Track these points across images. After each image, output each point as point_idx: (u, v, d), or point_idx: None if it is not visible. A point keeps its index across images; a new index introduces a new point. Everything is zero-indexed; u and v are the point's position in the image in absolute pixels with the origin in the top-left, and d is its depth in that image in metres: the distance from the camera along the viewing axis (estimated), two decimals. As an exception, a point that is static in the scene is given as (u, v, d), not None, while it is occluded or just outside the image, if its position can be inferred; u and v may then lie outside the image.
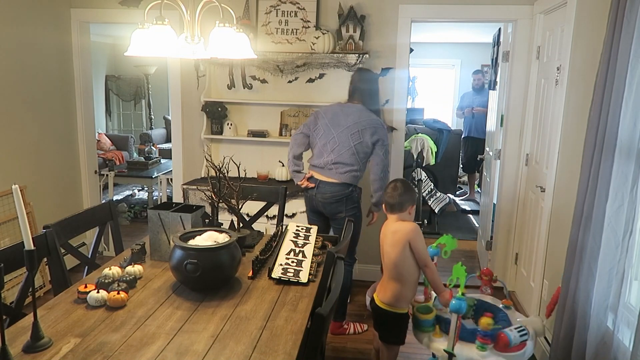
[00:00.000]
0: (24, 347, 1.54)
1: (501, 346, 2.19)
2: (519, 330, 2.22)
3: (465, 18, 3.83)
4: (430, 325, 2.40)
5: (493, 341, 2.21)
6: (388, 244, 2.45)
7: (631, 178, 1.92)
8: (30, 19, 3.72)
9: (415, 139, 5.64)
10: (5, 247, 1.92)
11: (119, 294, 1.85)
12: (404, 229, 2.41)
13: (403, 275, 2.43)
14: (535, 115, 3.54)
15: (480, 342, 2.20)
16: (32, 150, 3.80)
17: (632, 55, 1.86)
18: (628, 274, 1.98)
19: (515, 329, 2.23)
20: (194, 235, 2.08)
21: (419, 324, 2.42)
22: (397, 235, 2.41)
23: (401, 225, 2.43)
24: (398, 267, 2.42)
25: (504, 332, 2.20)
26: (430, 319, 2.40)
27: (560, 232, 2.79)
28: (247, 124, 4.06)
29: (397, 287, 2.44)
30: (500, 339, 2.19)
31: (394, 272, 2.44)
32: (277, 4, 3.83)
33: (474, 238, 5.24)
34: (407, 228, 2.41)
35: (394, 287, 2.45)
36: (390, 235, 2.45)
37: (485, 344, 2.19)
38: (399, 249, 2.39)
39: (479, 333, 2.21)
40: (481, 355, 2.18)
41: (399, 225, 2.45)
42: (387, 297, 2.47)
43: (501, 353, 2.19)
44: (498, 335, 2.20)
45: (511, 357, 2.19)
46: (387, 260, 2.46)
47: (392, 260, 2.43)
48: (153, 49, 1.95)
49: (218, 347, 1.60)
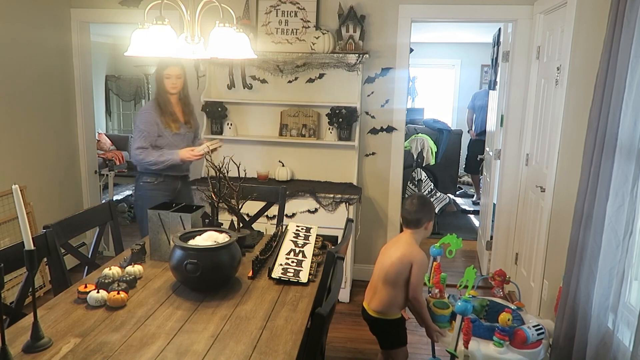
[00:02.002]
0: (24, 347, 1.54)
1: (519, 342, 2.20)
2: (537, 328, 2.24)
3: (465, 18, 3.84)
4: (446, 320, 2.41)
5: (510, 338, 2.22)
6: (387, 255, 2.42)
7: (631, 178, 1.92)
8: (30, 19, 3.72)
9: (415, 139, 5.64)
10: (5, 247, 1.92)
11: (119, 294, 1.85)
12: (411, 253, 2.36)
13: (392, 287, 2.38)
14: (535, 115, 3.54)
15: (498, 338, 2.21)
16: (32, 150, 3.80)
17: (632, 55, 1.86)
18: (628, 274, 1.98)
19: (533, 326, 2.24)
20: (194, 235, 2.08)
21: (435, 319, 2.42)
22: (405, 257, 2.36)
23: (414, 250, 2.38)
24: (392, 277, 2.37)
25: (522, 329, 2.21)
26: (446, 314, 2.40)
27: (560, 232, 2.79)
28: (247, 124, 4.06)
29: (385, 296, 2.39)
30: (518, 336, 2.20)
31: (387, 282, 2.38)
32: (277, 4, 3.83)
33: (474, 238, 5.24)
34: (416, 255, 2.36)
35: (383, 295, 2.40)
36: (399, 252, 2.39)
37: (502, 340, 2.20)
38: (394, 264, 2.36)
39: (497, 329, 2.22)
40: (498, 351, 2.19)
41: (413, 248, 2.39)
42: (376, 304, 2.42)
43: (518, 350, 2.20)
44: (516, 332, 2.21)
45: (527, 355, 2.20)
46: (385, 263, 2.41)
47: (386, 269, 2.38)
48: (153, 49, 1.95)
49: (218, 347, 1.60)
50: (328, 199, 3.62)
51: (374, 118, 3.93)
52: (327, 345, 2.96)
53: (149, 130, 3.07)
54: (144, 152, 3.06)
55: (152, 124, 3.08)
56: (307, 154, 4.00)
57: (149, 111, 3.13)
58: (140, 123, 3.10)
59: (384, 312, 2.42)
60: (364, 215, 4.02)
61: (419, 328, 2.67)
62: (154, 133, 3.08)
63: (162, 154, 3.07)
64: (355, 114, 3.78)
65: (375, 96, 3.90)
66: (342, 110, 3.76)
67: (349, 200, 3.60)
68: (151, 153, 3.06)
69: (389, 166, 3.99)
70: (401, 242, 2.44)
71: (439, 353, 2.73)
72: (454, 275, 4.17)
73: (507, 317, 2.24)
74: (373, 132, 3.95)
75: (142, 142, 3.06)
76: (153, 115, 3.09)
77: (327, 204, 3.62)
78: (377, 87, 3.89)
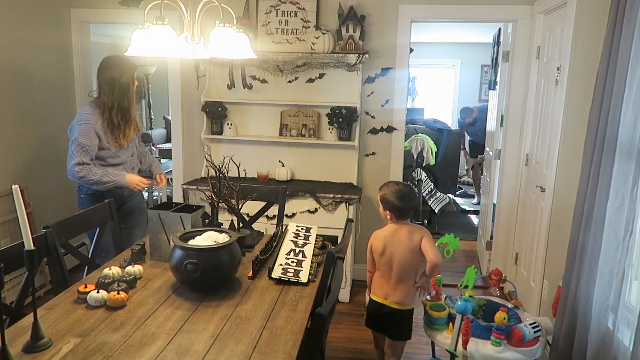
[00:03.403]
0: (24, 347, 1.53)
1: (516, 341, 2.21)
2: (534, 326, 2.24)
3: (465, 18, 3.83)
4: (443, 323, 2.42)
5: (507, 337, 2.22)
6: (405, 249, 2.44)
7: (631, 178, 1.92)
8: (31, 19, 3.72)
9: (415, 139, 5.64)
10: (5, 247, 1.92)
11: (119, 294, 1.84)
12: (418, 229, 2.48)
13: (410, 276, 2.48)
14: (535, 115, 3.54)
15: (495, 337, 2.21)
16: (32, 150, 3.80)
17: (632, 55, 1.86)
18: (628, 274, 1.98)
19: (529, 324, 2.25)
20: (194, 235, 2.08)
21: (432, 322, 2.44)
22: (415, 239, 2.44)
23: (415, 227, 2.50)
24: (410, 269, 2.46)
25: (519, 327, 2.22)
26: (443, 316, 2.42)
27: (560, 232, 2.79)
28: (247, 124, 4.06)
29: (406, 287, 2.48)
30: (515, 334, 2.21)
31: (405, 275, 2.46)
32: (277, 4, 3.83)
33: (474, 238, 5.25)
34: (421, 228, 2.49)
35: (403, 287, 2.48)
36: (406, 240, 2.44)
37: (499, 339, 2.21)
38: (415, 253, 2.44)
39: (494, 328, 2.23)
40: (496, 350, 2.20)
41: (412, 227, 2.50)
42: (399, 297, 2.48)
43: (516, 348, 2.20)
44: (513, 330, 2.22)
45: (525, 352, 2.21)
46: (401, 263, 2.44)
47: (408, 262, 2.44)
48: (153, 49, 1.95)
49: (218, 347, 1.60)
50: (328, 199, 3.62)
51: (374, 118, 3.93)
52: (327, 345, 2.96)
53: (90, 144, 2.71)
54: (85, 168, 2.71)
55: (94, 137, 2.73)
56: (307, 154, 4.00)
57: (89, 122, 2.73)
58: (80, 135, 2.70)
59: (403, 302, 2.48)
60: (364, 215, 4.02)
61: (419, 328, 2.67)
62: (95, 146, 2.74)
63: (106, 172, 2.76)
64: (355, 114, 3.77)
65: (375, 96, 3.90)
66: (342, 110, 3.76)
67: (349, 200, 3.60)
68: (93, 170, 2.73)
69: (389, 166, 3.99)
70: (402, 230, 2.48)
71: (439, 353, 2.73)
72: (454, 276, 4.17)
73: (502, 315, 2.25)
74: (373, 132, 3.95)
75: (83, 157, 2.70)
76: (96, 126, 2.74)
77: (327, 204, 3.62)
78: (377, 87, 3.89)
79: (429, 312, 2.45)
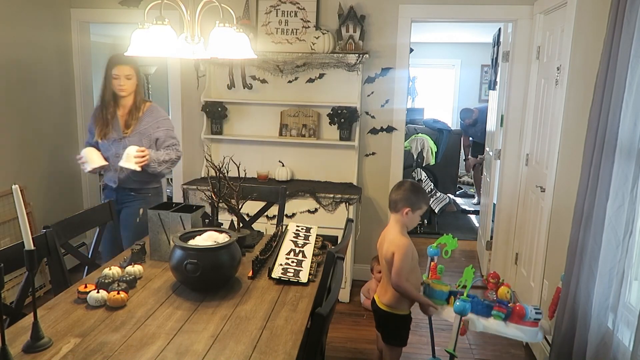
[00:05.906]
0: (24, 347, 1.53)
1: (517, 317, 2.21)
2: (536, 310, 2.25)
3: (465, 18, 3.84)
4: (444, 298, 2.38)
5: (509, 312, 2.23)
6: (382, 248, 2.42)
7: (631, 178, 1.92)
8: (30, 19, 3.72)
9: (415, 139, 5.64)
10: (5, 247, 1.92)
11: (119, 294, 1.84)
12: (392, 242, 2.34)
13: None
14: (535, 115, 3.54)
15: (497, 311, 2.22)
16: (32, 150, 3.80)
17: (632, 55, 1.86)
18: (628, 274, 1.98)
19: (532, 306, 2.26)
20: (194, 235, 2.08)
21: (433, 295, 2.39)
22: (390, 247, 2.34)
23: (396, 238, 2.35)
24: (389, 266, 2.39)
25: (522, 304, 2.24)
26: (445, 290, 2.38)
27: (560, 232, 2.79)
28: (247, 124, 4.06)
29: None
30: (517, 309, 2.22)
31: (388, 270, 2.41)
32: (277, 4, 3.83)
33: (474, 238, 5.25)
34: (397, 242, 2.33)
35: (393, 290, 2.40)
36: (386, 243, 2.40)
37: (501, 312, 2.22)
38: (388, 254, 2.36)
39: (497, 302, 2.24)
40: (498, 323, 2.21)
41: (394, 236, 2.37)
42: (388, 298, 2.43)
43: (516, 325, 2.22)
44: (515, 306, 2.23)
45: (525, 332, 2.22)
46: (384, 263, 2.42)
47: (389, 263, 2.39)
48: (153, 49, 1.95)
49: (218, 347, 1.60)
50: (328, 199, 3.62)
51: (374, 118, 3.93)
52: (327, 345, 2.96)
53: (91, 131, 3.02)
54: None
55: (91, 126, 3.04)
56: (307, 154, 4.01)
57: (93, 113, 3.05)
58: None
59: (393, 306, 2.41)
60: (364, 215, 4.02)
61: (419, 328, 2.67)
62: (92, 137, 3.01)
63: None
64: (355, 114, 3.78)
65: (375, 96, 3.90)
66: (343, 110, 3.76)
67: (349, 200, 3.60)
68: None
69: (389, 166, 3.99)
70: (388, 232, 2.43)
71: (439, 353, 2.73)
72: (454, 276, 4.17)
73: (506, 290, 2.28)
74: (373, 132, 3.95)
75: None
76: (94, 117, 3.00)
77: (327, 204, 3.62)
78: (377, 87, 3.89)
79: (431, 284, 2.41)
